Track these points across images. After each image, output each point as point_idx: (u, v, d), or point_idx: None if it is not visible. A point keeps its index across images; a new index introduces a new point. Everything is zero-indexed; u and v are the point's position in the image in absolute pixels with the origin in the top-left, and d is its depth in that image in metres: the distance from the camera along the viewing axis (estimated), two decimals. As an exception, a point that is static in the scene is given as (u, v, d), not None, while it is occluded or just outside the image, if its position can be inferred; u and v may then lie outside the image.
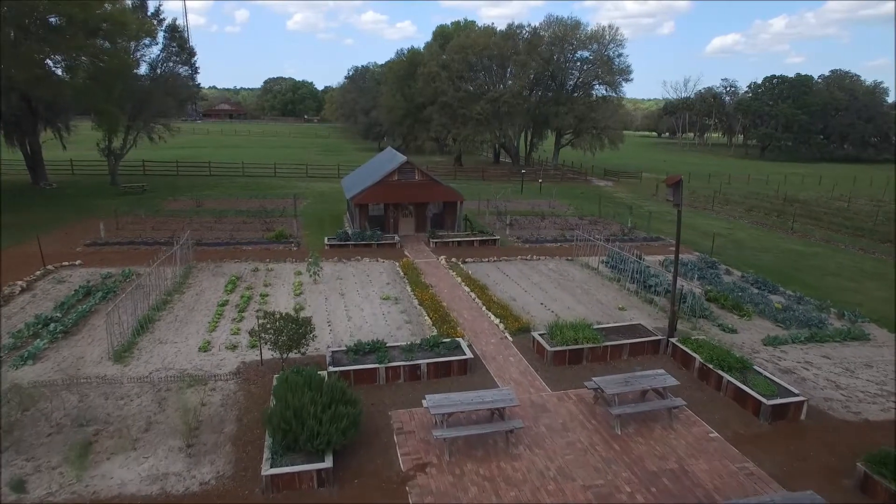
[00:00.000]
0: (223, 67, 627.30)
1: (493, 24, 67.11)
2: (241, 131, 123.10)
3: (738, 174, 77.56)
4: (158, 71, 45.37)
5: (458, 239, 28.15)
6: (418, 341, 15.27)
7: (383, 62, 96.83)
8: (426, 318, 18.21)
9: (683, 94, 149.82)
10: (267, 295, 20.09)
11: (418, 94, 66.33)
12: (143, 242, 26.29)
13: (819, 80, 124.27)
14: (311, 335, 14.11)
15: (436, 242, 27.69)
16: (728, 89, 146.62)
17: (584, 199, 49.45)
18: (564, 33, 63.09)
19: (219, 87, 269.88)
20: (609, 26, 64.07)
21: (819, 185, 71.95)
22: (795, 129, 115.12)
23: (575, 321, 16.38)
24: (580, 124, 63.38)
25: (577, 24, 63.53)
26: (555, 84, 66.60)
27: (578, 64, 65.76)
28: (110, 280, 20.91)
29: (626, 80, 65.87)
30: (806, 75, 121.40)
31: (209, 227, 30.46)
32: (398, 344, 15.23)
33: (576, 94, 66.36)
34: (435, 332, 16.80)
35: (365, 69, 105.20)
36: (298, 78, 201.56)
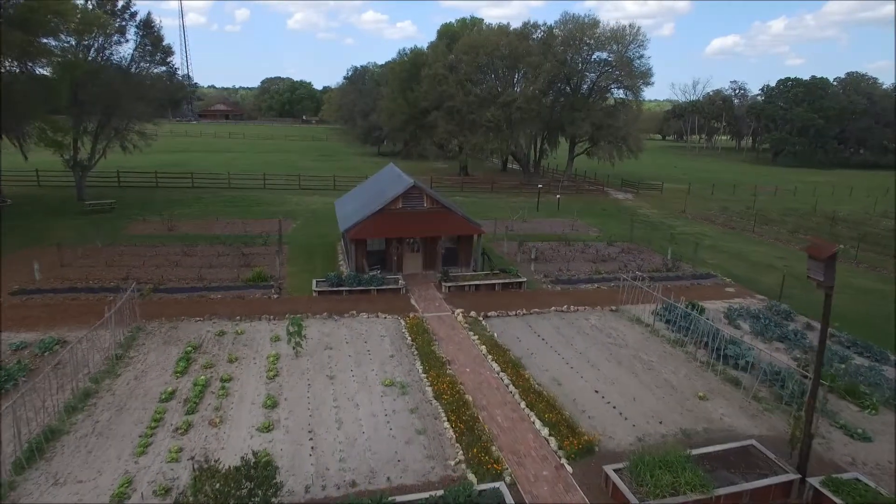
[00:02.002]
0: (223, 67, 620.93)
1: (507, 23, 62.09)
2: (235, 133, 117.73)
3: (761, 183, 72.64)
4: (133, 71, 40.21)
5: (477, 282, 23.06)
6: (441, 491, 10.20)
7: (383, 62, 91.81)
8: (446, 423, 13.14)
9: (692, 97, 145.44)
10: (229, 379, 14.97)
11: (422, 98, 61.14)
12: (87, 289, 21.11)
13: (835, 83, 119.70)
14: (275, 497, 9.07)
15: (449, 287, 22.61)
16: (737, 92, 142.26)
17: (608, 217, 44.41)
18: (582, 33, 57.90)
19: (218, 86, 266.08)
20: (630, 25, 58.96)
21: (850, 196, 67.18)
22: (811, 133, 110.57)
23: (666, 450, 11.29)
24: (597, 132, 58.17)
25: (594, 23, 58.33)
26: (570, 88, 61.45)
27: (595, 65, 60.57)
28: (21, 356, 15.74)
29: (647, 84, 60.83)
30: (822, 78, 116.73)
31: (175, 263, 25.32)
32: (411, 499, 10.15)
33: (591, 99, 61.24)
34: (461, 456, 11.78)
35: (364, 69, 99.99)
36: (299, 78, 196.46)
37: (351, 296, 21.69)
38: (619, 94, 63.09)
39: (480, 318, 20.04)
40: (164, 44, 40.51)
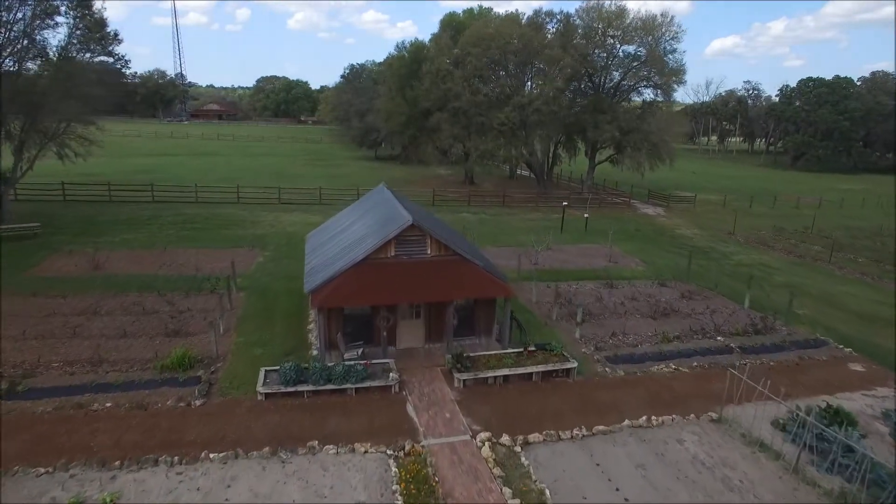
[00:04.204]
0: (224, 66, 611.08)
1: (516, 10, 54.53)
2: (224, 135, 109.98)
3: (793, 192, 65.30)
4: (65, 60, 32.62)
5: (505, 372, 15.55)
6: None
7: (381, 60, 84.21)
8: None
9: (705, 98, 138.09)
10: None
11: (423, 97, 53.63)
12: None
13: (859, 84, 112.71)
14: None
15: (465, 380, 15.12)
16: (750, 92, 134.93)
17: (646, 241, 36.90)
18: (606, 23, 50.37)
19: (217, 85, 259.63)
20: (662, 14, 51.57)
21: (900, 207, 59.88)
22: (836, 136, 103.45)
23: None
24: (624, 137, 50.57)
25: (621, 12, 50.82)
26: (592, 86, 53.91)
27: (621, 61, 52.97)
28: None
29: (680, 83, 53.31)
30: (846, 77, 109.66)
31: (72, 331, 17.73)
32: None
33: (615, 100, 53.74)
34: None
35: (361, 67, 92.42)
36: (300, 77, 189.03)
37: (316, 400, 14.14)
38: (648, 93, 55.61)
39: (517, 448, 12.55)
40: (106, 29, 32.92)
